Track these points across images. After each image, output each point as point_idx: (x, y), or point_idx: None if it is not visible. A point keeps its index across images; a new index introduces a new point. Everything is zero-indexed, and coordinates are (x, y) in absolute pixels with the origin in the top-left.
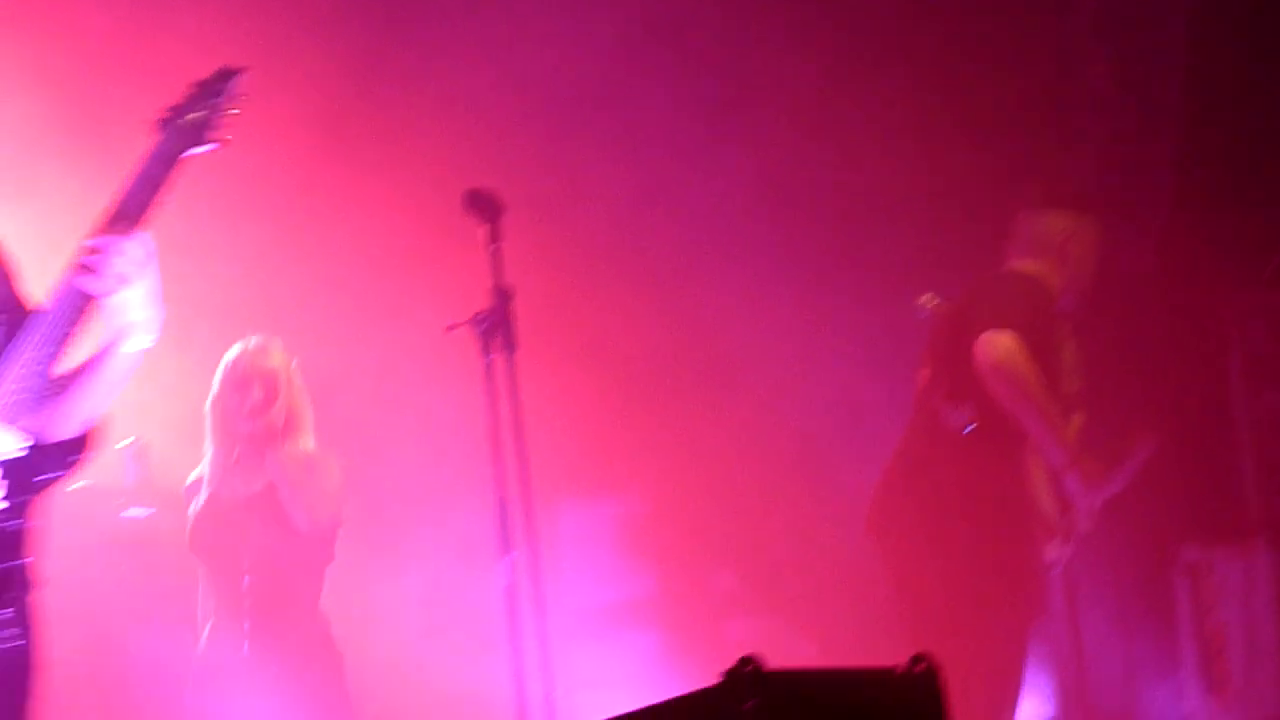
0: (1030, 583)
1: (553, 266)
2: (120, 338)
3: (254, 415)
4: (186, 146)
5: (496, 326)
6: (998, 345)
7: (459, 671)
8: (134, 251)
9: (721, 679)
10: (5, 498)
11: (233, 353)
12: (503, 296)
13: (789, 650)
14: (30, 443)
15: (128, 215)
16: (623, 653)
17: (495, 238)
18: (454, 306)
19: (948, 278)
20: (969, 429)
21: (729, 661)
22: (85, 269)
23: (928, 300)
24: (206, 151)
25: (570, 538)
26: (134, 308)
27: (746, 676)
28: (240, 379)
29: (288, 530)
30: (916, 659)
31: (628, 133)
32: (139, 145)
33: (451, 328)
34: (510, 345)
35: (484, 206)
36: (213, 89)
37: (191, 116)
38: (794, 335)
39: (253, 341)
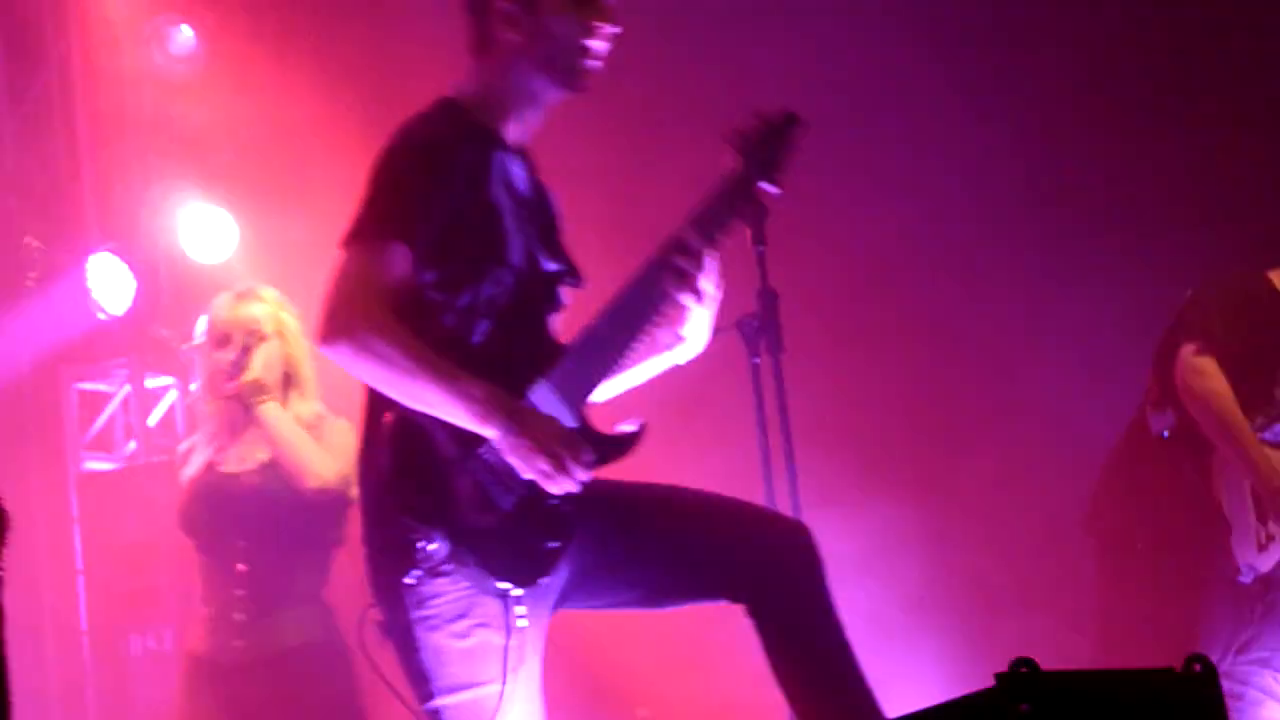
0: (1210, 595)
1: (815, 268)
2: (672, 346)
3: (236, 372)
4: (760, 181)
5: (763, 329)
6: (1187, 364)
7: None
8: (714, 267)
9: (995, 681)
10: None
11: (215, 302)
12: (769, 298)
13: (1063, 652)
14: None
15: (708, 230)
16: (893, 657)
17: (760, 240)
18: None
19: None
20: (1165, 435)
21: (1002, 664)
22: (680, 272)
23: None
24: (770, 193)
25: (839, 538)
26: (699, 325)
27: (1021, 679)
28: (221, 332)
29: (290, 510)
30: (1193, 659)
31: (885, 131)
32: None
33: (717, 332)
34: (777, 348)
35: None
36: (784, 131)
37: (766, 151)
38: (1074, 335)
39: (238, 288)
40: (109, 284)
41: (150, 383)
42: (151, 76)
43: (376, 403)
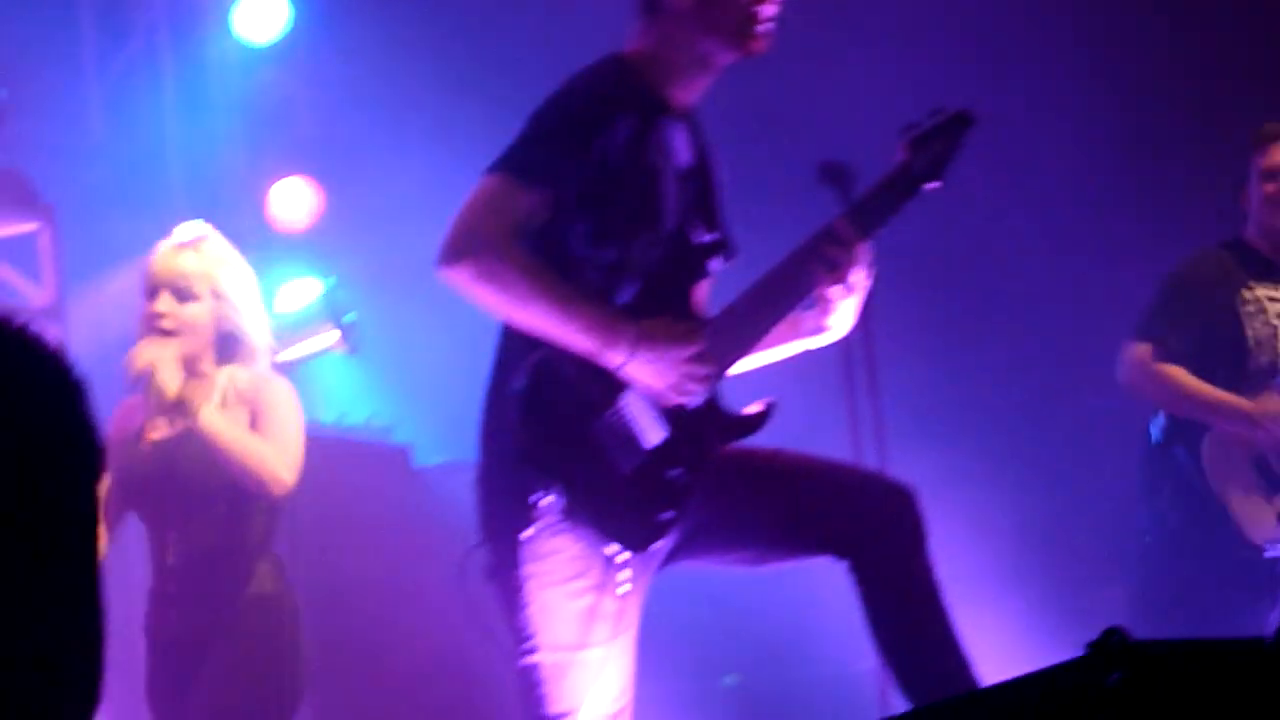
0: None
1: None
2: (815, 333)
3: (162, 328)
4: (926, 177)
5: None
6: (1123, 362)
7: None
8: (866, 259)
9: (1086, 651)
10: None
11: (156, 247)
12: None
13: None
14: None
15: (865, 221)
16: (984, 623)
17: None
18: None
19: None
20: (1158, 439)
21: (1094, 633)
22: (830, 262)
23: None
24: (933, 188)
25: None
26: (844, 314)
27: (1112, 648)
28: (150, 283)
29: (221, 472)
30: None
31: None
32: None
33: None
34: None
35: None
36: (955, 129)
37: (936, 148)
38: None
39: (179, 236)
40: None
41: None
42: (238, 47)
43: (518, 341)
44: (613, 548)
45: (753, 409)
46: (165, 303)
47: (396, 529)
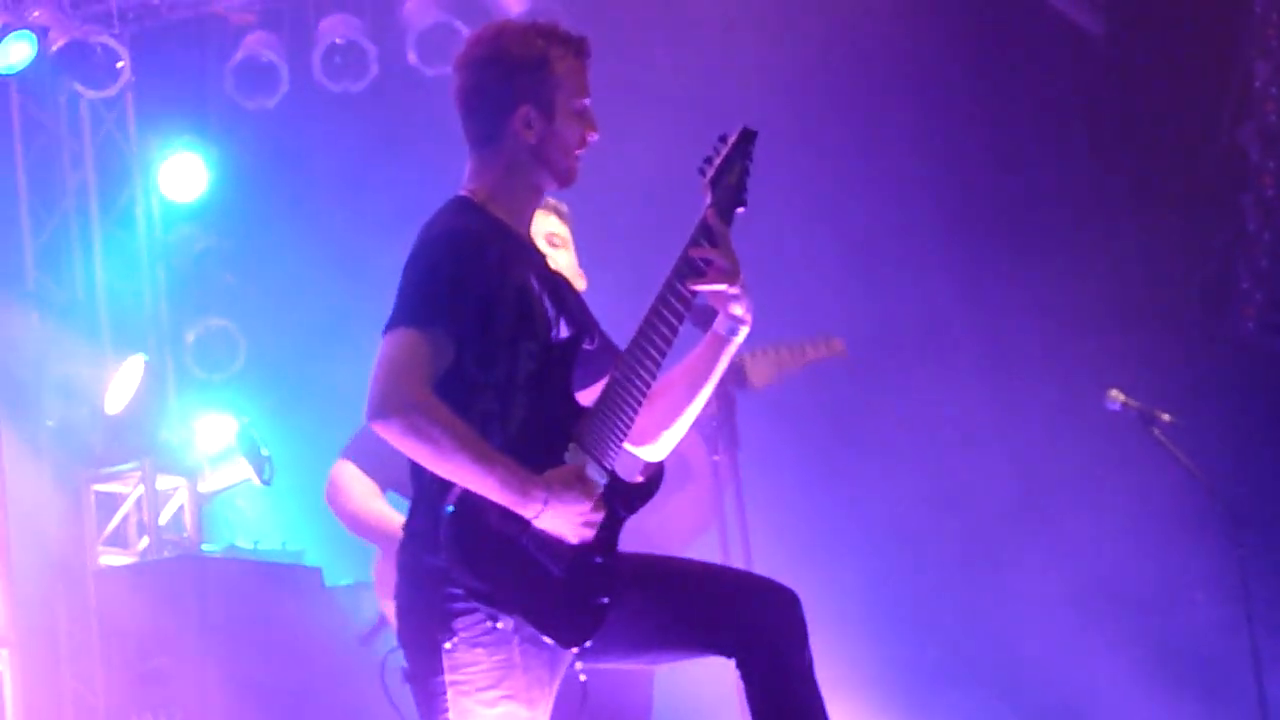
0: None
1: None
2: (734, 330)
3: None
4: (733, 205)
5: (721, 427)
6: None
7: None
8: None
9: None
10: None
11: None
12: (727, 399)
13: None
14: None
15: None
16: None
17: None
18: None
19: None
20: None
21: None
22: (695, 270)
23: (1114, 396)
24: (740, 211)
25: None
26: (741, 301)
27: None
28: None
29: None
30: None
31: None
32: None
33: None
34: (734, 444)
35: (702, 318)
36: (743, 149)
37: (734, 174)
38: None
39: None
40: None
41: (161, 484)
42: (162, 204)
43: (436, 480)
44: (559, 644)
45: (644, 473)
46: None
47: (309, 641)
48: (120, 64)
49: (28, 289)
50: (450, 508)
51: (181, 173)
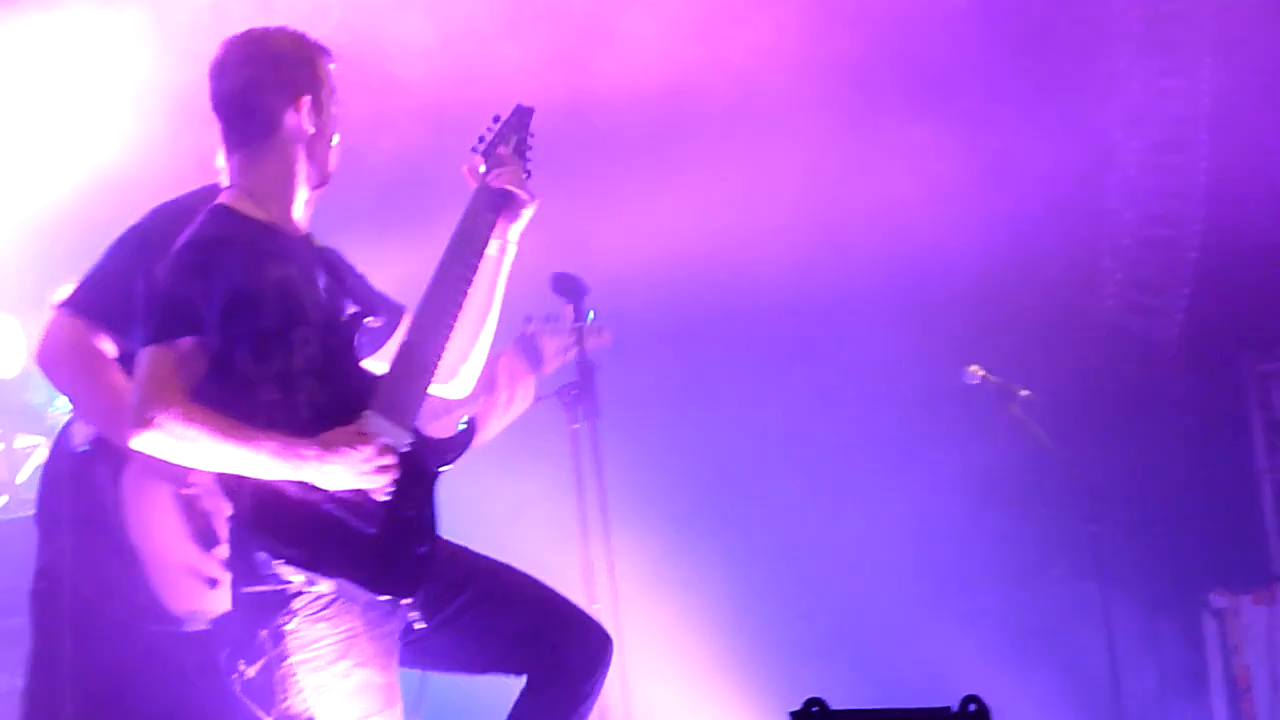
0: None
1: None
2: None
3: None
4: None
5: (582, 396)
6: None
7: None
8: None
9: (790, 719)
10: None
11: None
12: (587, 369)
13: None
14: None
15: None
16: (695, 698)
17: (579, 316)
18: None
19: None
20: None
21: (796, 703)
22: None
23: (973, 371)
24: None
25: (649, 585)
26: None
27: (813, 716)
28: None
29: None
30: (969, 699)
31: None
32: None
33: (541, 399)
34: (594, 414)
35: (569, 289)
36: (519, 122)
37: (506, 149)
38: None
39: None
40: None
41: (20, 442)
42: None
43: (231, 478)
44: (389, 597)
45: (458, 427)
46: None
47: None
48: None
49: None
50: (249, 501)
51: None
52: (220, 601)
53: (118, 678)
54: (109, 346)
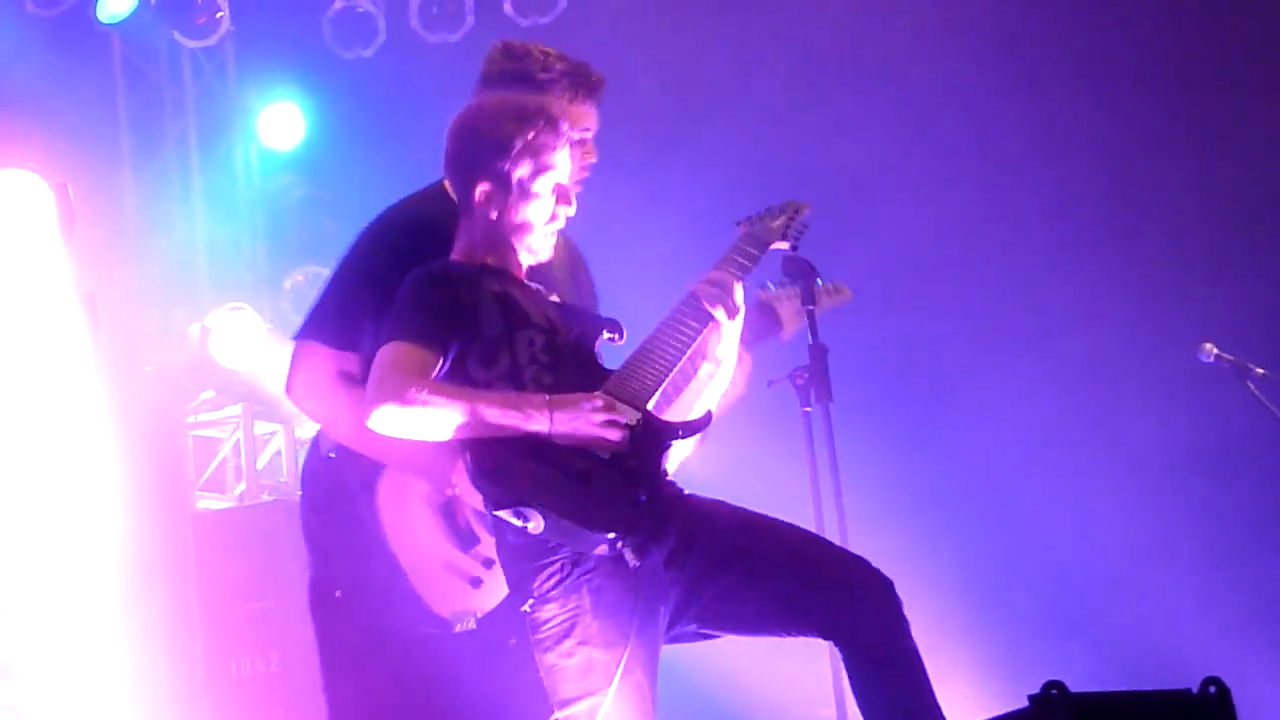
0: None
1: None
2: (711, 374)
3: None
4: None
5: (814, 380)
6: None
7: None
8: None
9: (1029, 703)
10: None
11: None
12: (820, 352)
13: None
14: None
15: (731, 269)
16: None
17: (811, 300)
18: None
19: None
20: None
21: (1034, 686)
22: (713, 295)
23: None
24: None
25: (884, 571)
26: (728, 344)
27: (1053, 700)
28: None
29: None
30: (1209, 681)
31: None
32: None
33: (773, 383)
34: (827, 397)
35: (797, 270)
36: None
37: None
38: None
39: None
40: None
41: (259, 429)
42: (261, 153)
43: (448, 448)
44: (608, 535)
45: (694, 415)
46: None
47: None
48: (220, 14)
49: (129, 237)
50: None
51: (280, 122)
52: (486, 600)
53: (420, 688)
54: (352, 365)
